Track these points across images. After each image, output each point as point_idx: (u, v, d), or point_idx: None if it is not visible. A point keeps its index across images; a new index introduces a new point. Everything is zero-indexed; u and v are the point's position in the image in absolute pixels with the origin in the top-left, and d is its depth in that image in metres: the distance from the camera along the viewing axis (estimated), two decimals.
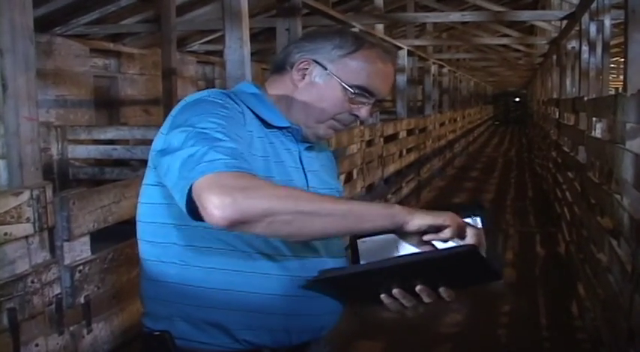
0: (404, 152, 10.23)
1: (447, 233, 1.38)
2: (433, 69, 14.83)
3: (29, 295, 2.22)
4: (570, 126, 7.36)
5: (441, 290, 1.45)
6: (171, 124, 1.45)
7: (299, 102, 1.59)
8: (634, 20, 4.40)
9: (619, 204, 3.68)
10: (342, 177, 6.85)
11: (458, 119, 18.67)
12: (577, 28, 8.16)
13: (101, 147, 8.58)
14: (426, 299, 1.45)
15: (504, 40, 15.33)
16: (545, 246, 7.77)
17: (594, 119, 5.40)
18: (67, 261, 2.42)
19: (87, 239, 2.54)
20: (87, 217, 2.50)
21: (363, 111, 1.60)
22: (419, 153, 11.43)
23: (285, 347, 1.54)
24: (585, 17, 7.16)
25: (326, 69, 1.57)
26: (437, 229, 1.38)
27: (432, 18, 9.92)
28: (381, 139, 8.47)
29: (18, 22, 2.34)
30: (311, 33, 1.64)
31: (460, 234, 1.39)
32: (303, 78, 1.59)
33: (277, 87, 1.63)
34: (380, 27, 9.90)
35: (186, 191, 1.28)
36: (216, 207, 1.22)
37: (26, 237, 2.24)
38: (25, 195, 2.22)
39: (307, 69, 1.58)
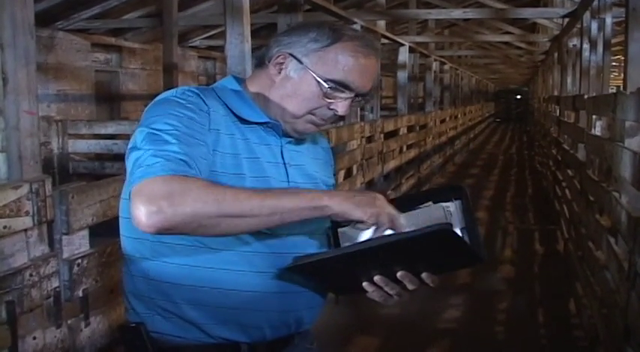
0: (404, 148, 10.22)
1: (369, 223, 1.39)
2: (435, 66, 14.82)
3: (27, 288, 2.23)
4: (570, 123, 7.36)
5: (424, 275, 1.44)
6: (139, 122, 1.47)
7: (276, 97, 1.57)
8: (634, 18, 4.41)
9: (617, 201, 3.69)
10: (342, 172, 6.85)
11: (459, 116, 18.67)
12: (578, 26, 8.16)
13: (102, 141, 8.58)
14: (409, 286, 1.45)
15: (506, 38, 15.30)
16: (543, 244, 7.78)
17: (594, 117, 5.41)
18: (65, 255, 2.43)
19: (86, 233, 2.55)
20: (86, 211, 2.51)
21: (341, 106, 1.56)
22: (419, 149, 11.43)
23: (262, 343, 1.54)
24: (587, 15, 7.16)
25: (301, 63, 1.54)
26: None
27: (434, 14, 9.89)
28: (382, 135, 8.46)
29: (19, 17, 2.34)
30: (291, 26, 1.63)
31: (381, 224, 1.39)
32: (280, 72, 1.56)
33: (256, 82, 1.61)
34: (382, 23, 9.89)
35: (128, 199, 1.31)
36: (142, 215, 1.24)
37: (25, 230, 2.25)
38: (25, 189, 2.23)
39: (283, 63, 1.56)
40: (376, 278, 1.44)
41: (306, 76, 1.54)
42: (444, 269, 1.49)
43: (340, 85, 1.54)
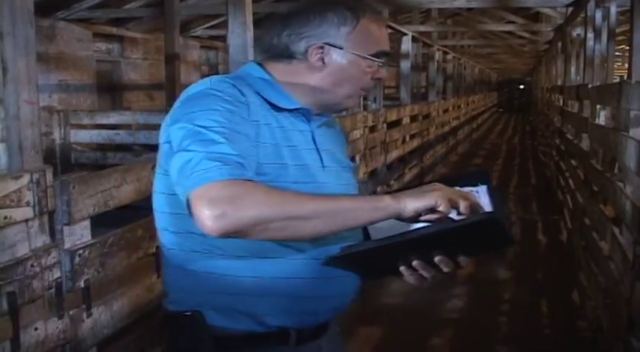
0: (407, 138, 10.19)
1: (442, 210, 1.41)
2: (437, 55, 14.78)
3: (29, 279, 2.22)
4: (574, 113, 7.33)
5: (459, 258, 1.49)
6: (173, 117, 1.47)
7: (325, 85, 1.62)
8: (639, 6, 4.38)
9: (621, 191, 3.67)
10: None
11: (462, 106, 18.63)
12: (583, 15, 8.11)
13: (104, 131, 8.57)
14: (445, 269, 1.48)
15: (509, 27, 15.25)
16: (547, 234, 7.77)
17: (598, 107, 5.38)
18: (67, 245, 2.42)
19: (87, 223, 2.53)
20: (87, 201, 2.49)
21: (382, 72, 1.67)
22: (422, 139, 11.40)
23: (308, 329, 1.59)
24: (591, 4, 7.11)
25: (341, 48, 1.59)
26: (431, 209, 1.41)
27: (436, 3, 9.85)
28: (385, 125, 8.42)
29: (18, 5, 2.32)
30: (296, 16, 1.61)
31: (454, 205, 1.42)
32: (323, 62, 1.60)
33: (287, 75, 1.63)
34: (385, 12, 9.85)
35: (185, 199, 1.32)
36: (208, 219, 1.26)
37: (26, 220, 2.23)
38: (25, 179, 2.21)
39: (322, 53, 1.60)
40: (415, 262, 1.49)
41: (352, 58, 1.60)
42: (477, 252, 1.56)
43: (381, 55, 1.64)
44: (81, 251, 2.46)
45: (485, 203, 1.53)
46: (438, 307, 5.09)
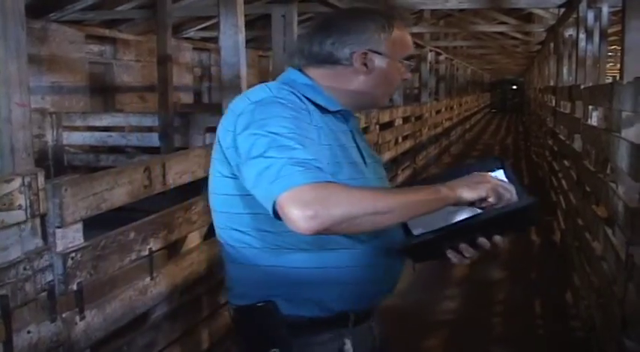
0: (400, 139, 10.20)
1: (491, 201, 1.55)
2: (430, 56, 14.79)
3: (21, 282, 2.20)
4: (566, 114, 7.35)
5: (497, 239, 1.62)
6: (240, 123, 1.56)
7: (367, 87, 1.76)
8: (632, 8, 4.39)
9: (614, 192, 3.67)
10: None
11: (454, 107, 18.64)
12: (575, 16, 8.13)
13: (96, 133, 8.56)
14: (485, 247, 1.63)
15: (502, 28, 15.27)
16: (540, 234, 7.77)
17: (590, 107, 5.39)
18: (59, 248, 2.40)
19: (79, 226, 2.52)
20: (79, 204, 2.48)
21: (409, 73, 1.84)
22: (415, 140, 11.41)
23: (364, 310, 1.76)
24: (583, 4, 7.13)
25: (382, 54, 1.73)
26: (481, 199, 1.55)
27: (429, 4, 9.85)
28: (377, 126, 8.42)
29: (9, 8, 2.31)
30: (337, 25, 1.75)
31: (500, 197, 1.56)
32: (367, 67, 1.74)
33: (329, 79, 1.76)
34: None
35: (271, 204, 1.41)
36: (300, 220, 1.36)
37: (18, 223, 2.22)
38: (17, 182, 2.20)
39: (365, 59, 1.73)
40: (462, 245, 1.62)
41: (391, 63, 1.76)
42: (510, 232, 1.69)
43: (410, 58, 1.82)
44: (73, 254, 2.45)
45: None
46: (433, 308, 5.09)
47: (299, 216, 1.35)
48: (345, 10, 1.85)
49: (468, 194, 1.53)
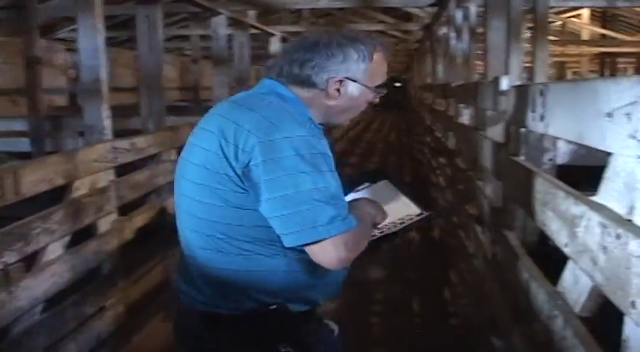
0: None
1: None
2: None
3: None
4: (441, 111, 7.46)
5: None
6: (266, 150, 1.63)
7: (338, 110, 1.88)
8: (493, 7, 4.45)
9: (481, 191, 3.70)
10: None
11: None
12: (446, 15, 8.26)
13: None
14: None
15: (380, 27, 15.44)
16: (420, 231, 7.85)
17: (462, 105, 5.46)
18: None
19: None
20: None
21: (377, 98, 1.95)
22: None
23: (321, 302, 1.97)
24: (452, 4, 7.25)
25: (357, 81, 1.84)
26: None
27: (301, 4, 9.81)
28: None
29: None
30: (319, 49, 1.82)
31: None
32: (339, 93, 1.84)
33: (306, 99, 1.84)
34: (252, 13, 9.75)
35: (307, 242, 1.63)
36: (337, 262, 1.66)
37: None
38: None
39: (340, 85, 1.83)
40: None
41: (363, 90, 1.87)
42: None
43: (383, 85, 1.93)
44: None
45: (391, 194, 2.13)
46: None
47: (337, 259, 1.64)
48: (330, 36, 1.87)
49: (381, 219, 1.95)
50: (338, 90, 1.83)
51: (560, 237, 1.89)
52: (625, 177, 1.47)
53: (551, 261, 2.21)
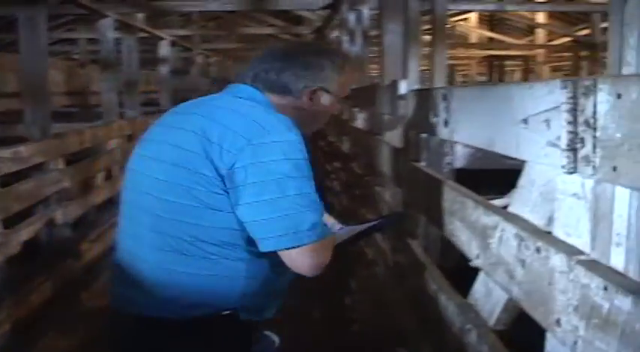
0: None
1: None
2: (200, 59, 14.53)
3: None
4: (335, 115, 7.40)
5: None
6: (254, 153, 1.61)
7: (308, 117, 1.88)
8: (388, 9, 4.41)
9: (379, 196, 3.64)
10: (102, 174, 6.40)
11: None
12: (339, 18, 8.23)
13: None
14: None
15: (271, 30, 15.35)
16: None
17: (356, 109, 5.41)
18: None
19: None
20: None
21: (340, 108, 2.00)
22: None
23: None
24: (345, 7, 7.22)
25: (330, 93, 1.87)
26: None
27: (189, 7, 9.57)
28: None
29: None
30: (297, 59, 1.87)
31: None
32: (312, 101, 1.86)
33: (278, 103, 1.84)
34: (140, 16, 9.44)
35: (288, 247, 1.61)
36: (310, 268, 1.66)
37: None
38: None
39: (313, 95, 1.86)
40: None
41: (332, 100, 1.89)
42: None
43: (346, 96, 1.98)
44: None
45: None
46: None
47: (311, 265, 1.65)
48: (306, 45, 2.06)
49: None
50: (311, 99, 1.87)
51: (470, 248, 1.81)
52: (542, 187, 1.40)
53: (457, 270, 2.17)
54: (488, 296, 1.73)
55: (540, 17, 16.10)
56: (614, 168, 1.01)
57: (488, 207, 1.70)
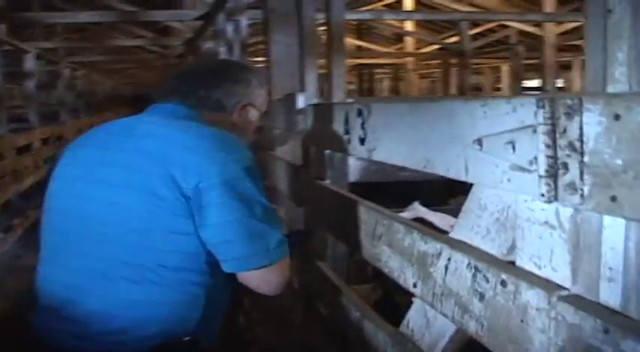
0: (41, 163, 9.51)
1: None
2: (66, 72, 13.93)
3: None
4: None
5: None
6: (217, 172, 1.56)
7: (239, 134, 1.85)
8: (274, 20, 4.27)
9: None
10: None
11: (98, 123, 17.85)
12: (213, 28, 8.03)
13: None
14: None
15: (138, 42, 14.93)
16: None
17: None
18: None
19: None
20: None
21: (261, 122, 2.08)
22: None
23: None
24: (221, 17, 7.06)
25: (256, 108, 1.96)
26: None
27: (58, 18, 9.09)
28: (14, 151, 7.78)
29: None
30: (222, 75, 1.90)
31: None
32: (240, 116, 1.92)
33: (212, 122, 1.81)
34: (2, 27, 8.89)
35: (258, 266, 1.58)
36: (279, 286, 1.66)
37: None
38: None
39: (243, 110, 1.92)
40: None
41: (258, 115, 1.98)
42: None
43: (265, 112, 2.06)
44: None
45: None
46: None
47: (279, 284, 1.64)
48: (230, 62, 2.09)
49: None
50: (240, 114, 1.91)
51: (404, 275, 1.68)
52: (497, 213, 1.29)
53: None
54: (429, 327, 1.61)
55: (409, 25, 16.40)
56: (613, 198, 0.90)
57: (424, 233, 1.59)
